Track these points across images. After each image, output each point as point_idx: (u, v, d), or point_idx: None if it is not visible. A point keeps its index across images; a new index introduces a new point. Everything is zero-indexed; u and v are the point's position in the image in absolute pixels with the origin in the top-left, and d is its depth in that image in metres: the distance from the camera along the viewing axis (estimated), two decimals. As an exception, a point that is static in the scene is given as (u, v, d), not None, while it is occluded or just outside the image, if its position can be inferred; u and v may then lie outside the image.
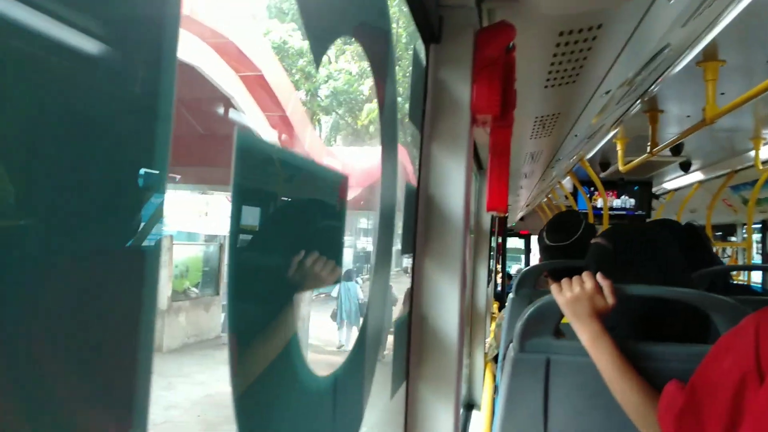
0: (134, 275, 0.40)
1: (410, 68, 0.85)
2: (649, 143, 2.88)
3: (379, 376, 0.78)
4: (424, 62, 0.87)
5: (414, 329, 0.87)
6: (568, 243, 1.96)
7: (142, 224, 0.40)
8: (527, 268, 2.19)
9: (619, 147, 3.25)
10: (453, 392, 0.88)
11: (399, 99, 0.86)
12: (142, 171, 0.40)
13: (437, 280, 0.86)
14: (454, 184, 0.84)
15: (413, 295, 0.87)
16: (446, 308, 0.87)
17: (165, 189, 0.41)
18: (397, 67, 0.88)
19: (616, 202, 4.86)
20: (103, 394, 0.39)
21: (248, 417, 0.51)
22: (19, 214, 0.31)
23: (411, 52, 0.89)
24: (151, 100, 0.40)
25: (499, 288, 5.96)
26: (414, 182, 0.88)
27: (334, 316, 9.82)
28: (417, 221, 0.85)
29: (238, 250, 0.53)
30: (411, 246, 0.86)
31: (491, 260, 3.77)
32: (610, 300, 1.10)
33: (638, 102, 2.22)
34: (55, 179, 0.33)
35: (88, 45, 0.34)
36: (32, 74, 0.31)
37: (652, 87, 1.96)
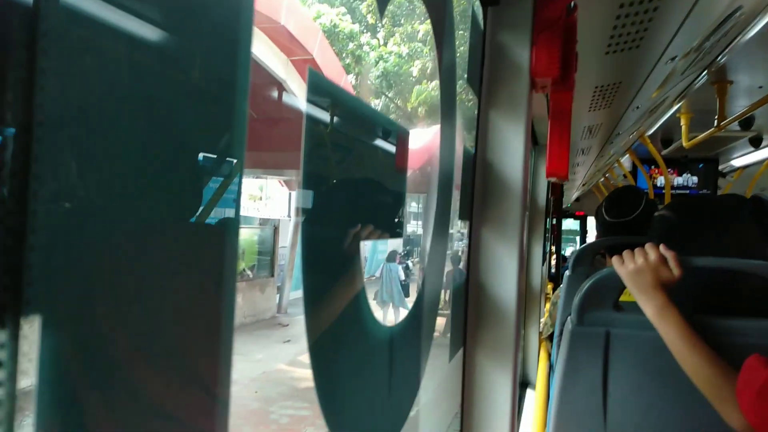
0: (217, 253, 0.42)
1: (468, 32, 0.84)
2: (716, 117, 2.74)
3: (437, 339, 0.79)
4: (482, 25, 0.86)
5: (471, 296, 0.86)
6: (629, 219, 1.89)
7: (224, 206, 0.42)
8: (584, 245, 2.13)
9: (683, 122, 3.10)
10: (511, 361, 0.88)
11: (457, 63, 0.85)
12: (225, 158, 0.42)
13: (495, 247, 0.85)
14: (512, 150, 0.83)
15: (470, 263, 0.87)
16: (504, 276, 0.86)
17: (243, 174, 0.43)
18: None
19: (678, 180, 4.64)
20: (194, 367, 0.42)
21: (321, 360, 0.53)
22: (117, 196, 0.33)
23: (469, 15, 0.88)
24: (230, 93, 0.41)
25: (553, 270, 5.85)
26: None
27: (376, 297, 9.95)
28: (474, 187, 0.85)
29: (310, 210, 0.54)
30: (468, 212, 0.86)
31: (546, 242, 3.71)
32: (676, 271, 1.06)
33: (704, 73, 2.10)
34: (145, 168, 0.35)
35: (178, 42, 0.36)
36: (126, 71, 0.33)
37: (721, 56, 1.86)
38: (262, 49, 5.80)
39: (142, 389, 0.37)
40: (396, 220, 0.71)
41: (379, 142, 0.67)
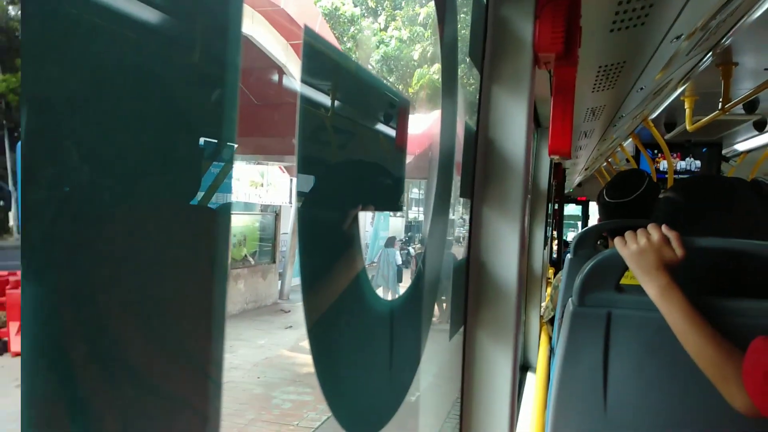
0: (208, 236, 0.41)
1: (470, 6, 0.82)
2: (720, 100, 2.71)
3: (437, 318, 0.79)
4: (484, -1, 0.84)
5: (472, 275, 0.85)
6: (629, 200, 1.88)
7: (214, 191, 0.41)
8: (587, 228, 2.12)
9: (687, 105, 3.08)
10: (511, 340, 0.87)
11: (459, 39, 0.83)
12: (213, 141, 0.41)
13: (496, 225, 0.84)
14: (515, 126, 0.81)
15: (471, 241, 0.86)
16: (505, 254, 0.85)
17: (234, 159, 0.42)
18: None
19: (681, 164, 4.62)
20: (185, 348, 0.41)
21: (321, 344, 0.52)
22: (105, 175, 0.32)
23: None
24: (219, 71, 0.40)
25: (554, 255, 5.86)
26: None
27: (372, 281, 10.00)
28: (476, 165, 0.83)
29: (308, 191, 0.53)
30: (469, 190, 0.84)
31: (548, 226, 3.70)
32: (679, 251, 1.05)
33: (709, 54, 2.08)
34: (133, 148, 0.34)
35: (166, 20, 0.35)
36: (107, 45, 0.31)
37: (726, 37, 1.83)
38: (262, 33, 5.75)
39: (133, 368, 0.37)
40: (396, 199, 0.70)
41: (380, 116, 0.66)
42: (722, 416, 1.00)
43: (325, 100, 0.53)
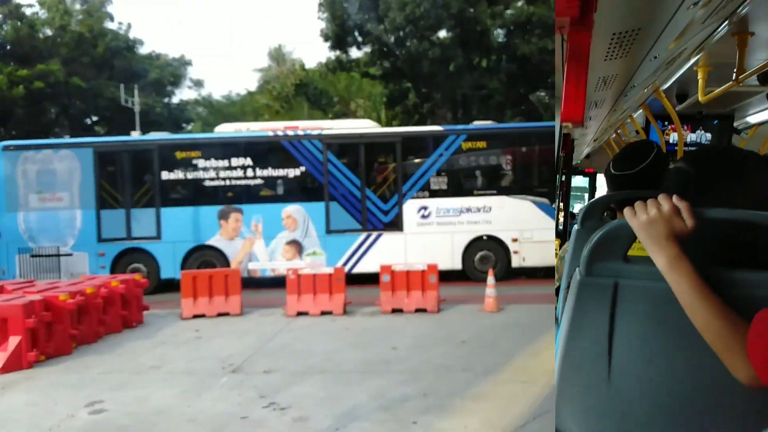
0: None
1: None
2: (734, 70, 2.66)
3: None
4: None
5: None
6: (636, 171, 1.86)
7: None
8: (594, 199, 2.11)
9: (700, 75, 3.02)
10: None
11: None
12: None
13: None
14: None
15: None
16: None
17: None
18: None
19: (691, 137, 4.55)
20: None
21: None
22: None
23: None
24: None
25: (561, 226, 5.85)
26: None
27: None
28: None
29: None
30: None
31: (556, 198, 3.69)
32: (689, 222, 1.04)
33: (725, 23, 2.03)
34: None
35: None
36: None
37: (742, 7, 1.78)
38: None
39: None
40: None
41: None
42: (726, 388, 1.00)
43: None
